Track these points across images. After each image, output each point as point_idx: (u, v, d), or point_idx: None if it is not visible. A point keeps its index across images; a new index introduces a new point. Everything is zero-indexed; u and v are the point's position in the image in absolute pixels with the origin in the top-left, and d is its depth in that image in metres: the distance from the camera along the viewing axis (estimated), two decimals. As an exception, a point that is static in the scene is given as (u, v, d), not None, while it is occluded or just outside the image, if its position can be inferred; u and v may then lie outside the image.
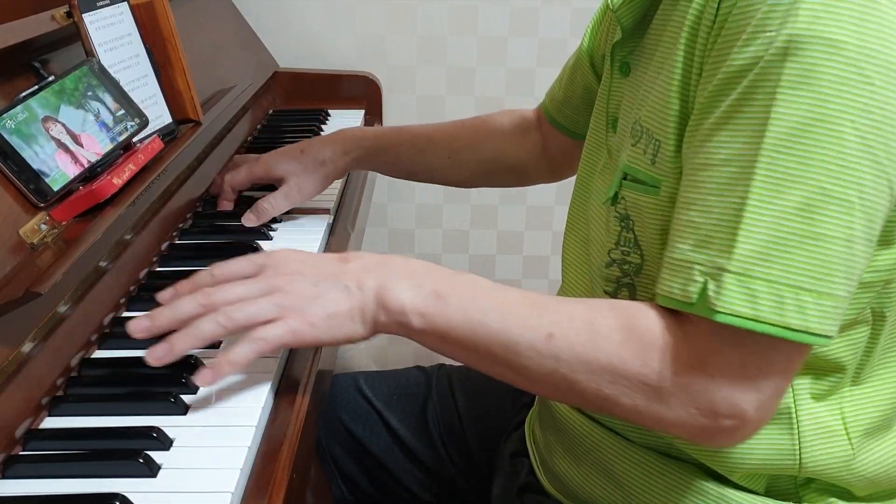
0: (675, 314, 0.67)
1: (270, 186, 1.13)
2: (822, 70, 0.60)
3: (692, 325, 0.65)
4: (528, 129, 1.16)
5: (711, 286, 0.62)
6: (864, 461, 0.74)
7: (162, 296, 0.75)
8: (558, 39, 1.80)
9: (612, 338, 0.66)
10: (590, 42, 0.99)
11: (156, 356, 0.70)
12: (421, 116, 1.86)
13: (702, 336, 0.64)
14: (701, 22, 0.67)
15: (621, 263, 0.75)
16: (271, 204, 1.08)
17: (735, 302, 0.61)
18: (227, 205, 1.12)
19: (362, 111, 1.70)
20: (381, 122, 1.77)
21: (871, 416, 0.74)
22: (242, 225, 1.10)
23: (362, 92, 1.76)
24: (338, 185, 1.24)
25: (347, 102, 1.73)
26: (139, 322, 0.72)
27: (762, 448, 0.73)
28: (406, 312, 0.70)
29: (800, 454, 0.72)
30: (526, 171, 1.18)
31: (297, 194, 1.10)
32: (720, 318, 0.62)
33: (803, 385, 0.73)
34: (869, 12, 0.60)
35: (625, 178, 0.74)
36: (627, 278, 0.75)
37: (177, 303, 0.72)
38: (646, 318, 0.67)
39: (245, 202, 1.12)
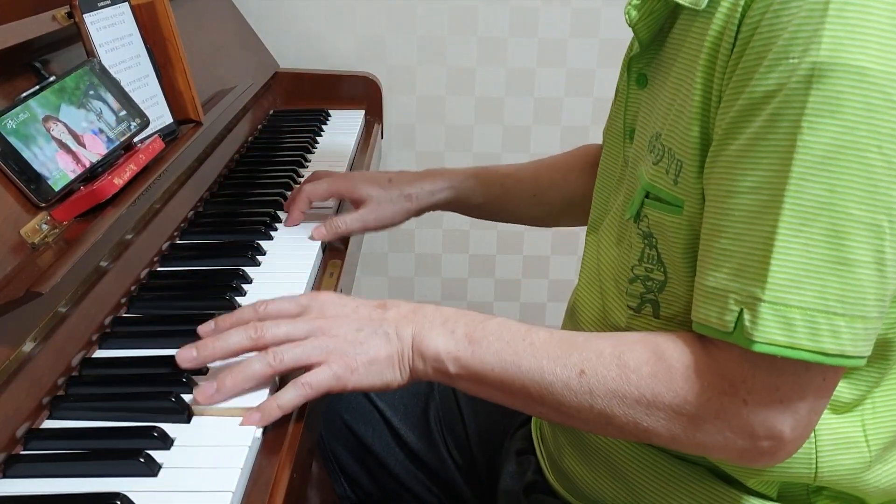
0: (702, 341, 0.68)
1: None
2: (849, 97, 0.60)
3: (721, 351, 0.66)
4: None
5: (747, 316, 0.63)
6: (880, 472, 0.74)
7: (202, 328, 0.77)
8: (558, 39, 1.80)
9: (641, 370, 0.68)
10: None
11: (205, 395, 0.72)
12: (421, 116, 1.86)
13: (733, 361, 0.65)
14: (721, 44, 0.67)
15: (645, 280, 0.76)
16: (346, 223, 1.08)
17: (771, 331, 0.62)
18: (297, 216, 1.11)
19: (362, 111, 1.70)
20: (381, 122, 1.77)
21: (891, 428, 0.74)
22: (244, 224, 1.10)
23: (362, 92, 1.76)
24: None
25: (347, 102, 1.73)
26: (186, 352, 0.74)
27: None
28: (441, 358, 0.73)
29: (816, 464, 0.72)
30: None
31: (374, 221, 1.10)
32: (757, 348, 0.62)
33: None
34: (893, 37, 0.59)
35: (647, 197, 0.75)
36: (651, 294, 0.76)
37: (225, 335, 0.74)
38: (672, 348, 0.68)
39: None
